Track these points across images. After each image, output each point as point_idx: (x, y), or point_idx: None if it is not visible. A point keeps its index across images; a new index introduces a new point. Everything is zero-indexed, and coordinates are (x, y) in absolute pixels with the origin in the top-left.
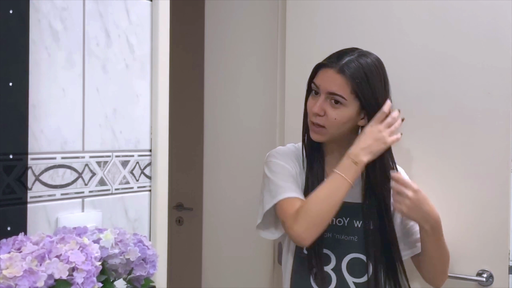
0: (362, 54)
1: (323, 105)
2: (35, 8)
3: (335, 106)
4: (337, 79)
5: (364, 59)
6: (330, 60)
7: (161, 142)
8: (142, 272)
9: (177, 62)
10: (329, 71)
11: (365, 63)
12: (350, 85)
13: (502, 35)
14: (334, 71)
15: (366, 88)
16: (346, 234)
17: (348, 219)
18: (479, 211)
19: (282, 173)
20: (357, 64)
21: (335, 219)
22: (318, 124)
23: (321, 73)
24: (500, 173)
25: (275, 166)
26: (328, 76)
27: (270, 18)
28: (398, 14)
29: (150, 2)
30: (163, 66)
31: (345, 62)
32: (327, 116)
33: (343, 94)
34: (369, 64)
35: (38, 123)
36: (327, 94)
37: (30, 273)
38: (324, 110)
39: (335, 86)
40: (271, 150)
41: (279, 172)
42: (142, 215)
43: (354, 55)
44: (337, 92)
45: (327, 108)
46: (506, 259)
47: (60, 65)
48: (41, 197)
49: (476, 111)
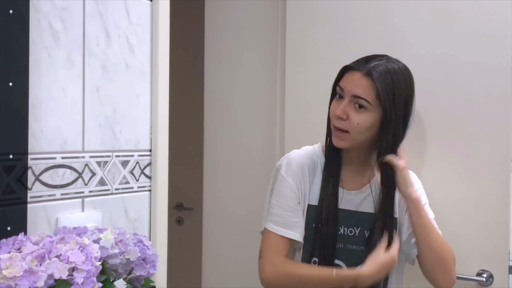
0: (391, 61)
1: (347, 109)
2: (35, 8)
3: (359, 111)
4: (363, 82)
5: (392, 65)
6: (358, 63)
7: (161, 142)
8: (142, 272)
9: (177, 62)
10: (356, 74)
11: (393, 69)
12: (376, 90)
13: (502, 35)
14: (360, 74)
15: (390, 94)
16: (357, 244)
17: (359, 229)
18: (479, 211)
19: (286, 197)
20: (384, 69)
21: (346, 229)
22: (341, 129)
23: (347, 76)
24: (500, 173)
25: (283, 186)
26: (354, 79)
27: (270, 18)
28: (398, 14)
29: (150, 2)
30: (163, 66)
31: (372, 66)
32: (350, 120)
33: (368, 98)
34: (397, 71)
35: (38, 123)
36: (351, 98)
37: (30, 273)
38: (347, 114)
39: (360, 89)
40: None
41: (283, 195)
42: (142, 215)
43: (382, 60)
44: (361, 95)
45: (351, 112)
46: (506, 259)
47: (60, 65)
48: (41, 197)
49: (476, 111)
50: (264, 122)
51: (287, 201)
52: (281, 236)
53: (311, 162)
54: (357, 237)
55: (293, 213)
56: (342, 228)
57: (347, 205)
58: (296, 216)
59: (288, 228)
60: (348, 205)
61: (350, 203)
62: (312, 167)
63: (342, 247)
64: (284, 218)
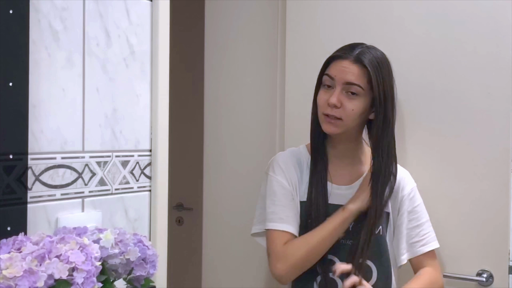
0: (371, 47)
1: (340, 97)
2: (35, 8)
3: (352, 97)
4: (354, 69)
5: (374, 51)
6: (343, 51)
7: (161, 142)
8: (142, 272)
9: (177, 62)
10: (345, 62)
11: (376, 54)
12: (367, 75)
13: (502, 35)
14: (350, 61)
15: (380, 78)
16: (352, 239)
17: (353, 223)
18: (479, 211)
19: (277, 194)
20: (370, 55)
21: None
22: (334, 117)
23: (335, 64)
24: (500, 173)
25: (274, 185)
26: (344, 66)
27: (270, 18)
28: (398, 14)
29: (150, 2)
30: (163, 66)
31: (359, 52)
32: (344, 107)
33: (361, 84)
34: (379, 56)
35: (38, 123)
36: (343, 85)
37: (30, 273)
38: (340, 102)
39: (352, 76)
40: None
41: (275, 193)
42: (142, 215)
43: (363, 47)
44: (354, 81)
45: (344, 99)
46: (506, 259)
47: (60, 65)
48: (41, 197)
49: (476, 111)
50: (264, 122)
51: (279, 197)
52: (280, 231)
53: (297, 160)
54: (350, 231)
55: (286, 208)
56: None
57: (337, 200)
58: (290, 210)
59: (283, 222)
60: (338, 199)
61: (340, 197)
62: (299, 165)
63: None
64: (278, 214)
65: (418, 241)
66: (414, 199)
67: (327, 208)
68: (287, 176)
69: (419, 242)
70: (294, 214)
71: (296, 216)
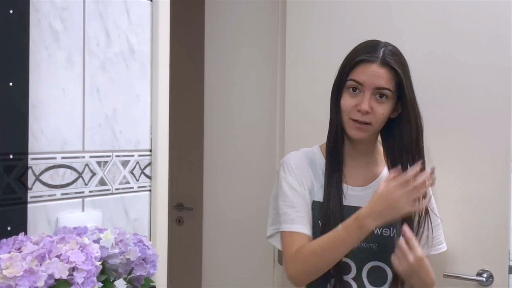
0: (389, 45)
1: (370, 102)
2: (35, 8)
3: (381, 101)
4: (383, 73)
5: (394, 49)
6: (368, 54)
7: (161, 142)
8: (142, 272)
9: (177, 62)
10: (373, 66)
11: (396, 52)
12: (396, 77)
13: (502, 35)
14: (378, 65)
15: (407, 80)
16: (366, 241)
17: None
18: (479, 211)
19: (289, 196)
20: (393, 55)
21: None
22: (364, 122)
23: (362, 68)
24: (500, 173)
25: (284, 185)
26: (373, 70)
27: (270, 18)
28: (398, 14)
29: (150, 2)
30: (163, 66)
31: (384, 54)
32: (374, 112)
33: (391, 87)
34: (399, 53)
35: (38, 123)
36: (373, 90)
37: (30, 273)
38: (371, 107)
39: (382, 80)
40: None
41: (287, 195)
42: (142, 215)
43: (385, 47)
44: (385, 86)
45: (374, 104)
46: (506, 259)
47: (60, 65)
48: (41, 197)
49: (476, 111)
50: (264, 122)
51: (290, 198)
52: (293, 232)
53: (310, 161)
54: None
55: (297, 209)
56: None
57: (352, 201)
58: (301, 211)
59: (295, 223)
60: (353, 201)
61: (356, 199)
62: (311, 166)
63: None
64: (290, 215)
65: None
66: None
67: (342, 210)
68: (298, 177)
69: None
70: (305, 214)
71: (308, 216)
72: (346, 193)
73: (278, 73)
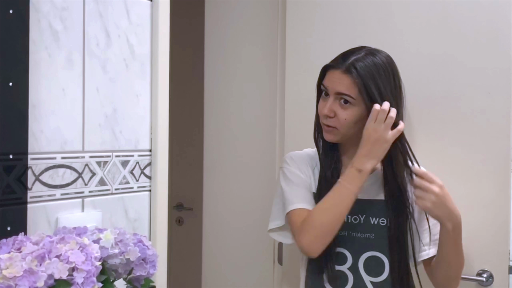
0: (370, 53)
1: (333, 106)
2: (35, 8)
3: (344, 106)
4: (344, 79)
5: (371, 58)
6: (336, 61)
7: (161, 142)
8: (142, 272)
9: (177, 62)
10: (336, 72)
11: (371, 62)
12: (358, 85)
13: (502, 35)
14: (340, 72)
15: (373, 87)
16: (362, 231)
17: (364, 216)
18: (479, 211)
19: (294, 181)
20: (363, 64)
21: (350, 217)
22: (329, 126)
23: (328, 74)
24: (500, 173)
25: (288, 173)
26: (335, 77)
27: (270, 18)
28: (398, 14)
29: (150, 2)
30: (163, 66)
31: (351, 62)
32: (337, 117)
33: (351, 94)
34: (376, 63)
35: (38, 123)
36: (335, 95)
37: (30, 273)
38: (333, 111)
39: (342, 86)
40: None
41: (291, 180)
42: (142, 215)
43: (360, 54)
44: (345, 92)
45: (337, 109)
46: (506, 259)
47: (60, 65)
48: (41, 197)
49: (476, 111)
50: (264, 122)
51: (295, 181)
52: (297, 209)
53: (311, 159)
54: (361, 224)
55: (301, 189)
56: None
57: None
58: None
59: (299, 202)
60: None
61: None
62: (311, 162)
63: (345, 234)
64: (294, 194)
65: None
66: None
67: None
68: (301, 168)
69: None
70: (308, 193)
71: (310, 195)
72: None
73: (278, 73)
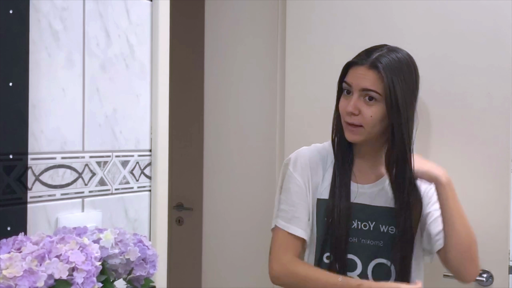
0: (392, 50)
1: (357, 104)
2: (35, 8)
3: (370, 103)
4: (370, 75)
5: (394, 54)
6: (360, 57)
7: (161, 142)
8: (142, 272)
9: (177, 62)
10: (360, 68)
11: (395, 57)
12: (384, 80)
13: (502, 35)
14: (365, 67)
15: (399, 82)
16: (372, 238)
17: (374, 223)
18: (479, 211)
19: (292, 192)
20: (388, 59)
21: (360, 223)
22: (354, 124)
23: (352, 71)
24: (500, 173)
25: (290, 181)
26: (360, 73)
27: (270, 18)
28: (398, 14)
29: (150, 2)
30: (163, 66)
31: (375, 57)
32: (362, 114)
33: (377, 90)
34: (400, 59)
35: (38, 123)
36: (360, 92)
37: (30, 273)
38: (358, 109)
39: (368, 82)
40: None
41: (290, 191)
42: (142, 215)
43: (383, 51)
44: (370, 87)
45: (362, 106)
46: (506, 259)
47: (60, 65)
48: (41, 197)
49: (476, 111)
50: (264, 122)
51: (292, 196)
52: (287, 233)
53: (321, 157)
54: (371, 231)
55: (297, 208)
56: (356, 222)
57: (360, 199)
58: (301, 211)
59: (291, 223)
60: (361, 199)
61: (364, 196)
62: (322, 162)
63: (356, 241)
64: (289, 213)
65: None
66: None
67: (350, 208)
68: (305, 175)
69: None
70: (303, 216)
71: (305, 216)
72: (355, 190)
73: (278, 73)
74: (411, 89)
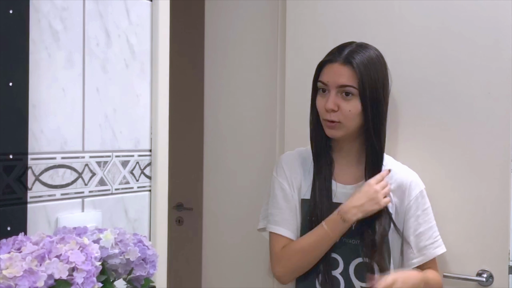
0: (361, 46)
1: (336, 100)
2: (35, 8)
3: (347, 99)
4: (345, 71)
5: (364, 50)
6: (333, 55)
7: (161, 142)
8: (142, 272)
9: (177, 62)
10: (335, 65)
11: (366, 53)
12: (358, 74)
13: (502, 35)
14: (339, 64)
15: (372, 77)
16: (353, 237)
17: (355, 222)
18: (479, 211)
19: (278, 197)
20: (360, 54)
21: None
22: (333, 121)
23: (326, 69)
24: (500, 173)
25: (275, 187)
26: (335, 70)
27: (270, 18)
28: (398, 13)
29: (150, 2)
30: (163, 66)
31: (347, 53)
32: (341, 110)
33: (353, 84)
34: (370, 55)
35: (38, 123)
36: (337, 88)
37: (30, 273)
38: (337, 105)
39: (344, 78)
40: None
41: (276, 196)
42: (142, 215)
43: (353, 47)
44: (347, 83)
45: (340, 102)
46: (506, 259)
47: (60, 65)
48: (41, 197)
49: (476, 111)
50: (264, 122)
51: (278, 200)
52: (277, 234)
53: (302, 160)
54: (353, 231)
55: (284, 211)
56: None
57: (342, 198)
58: (287, 213)
59: (280, 226)
60: (343, 198)
61: (345, 196)
62: (303, 164)
63: (338, 240)
64: (276, 216)
65: (431, 243)
66: (423, 202)
67: (331, 207)
68: (288, 177)
69: (432, 245)
70: (290, 217)
71: (293, 218)
72: (336, 190)
73: (278, 73)
74: (383, 82)
